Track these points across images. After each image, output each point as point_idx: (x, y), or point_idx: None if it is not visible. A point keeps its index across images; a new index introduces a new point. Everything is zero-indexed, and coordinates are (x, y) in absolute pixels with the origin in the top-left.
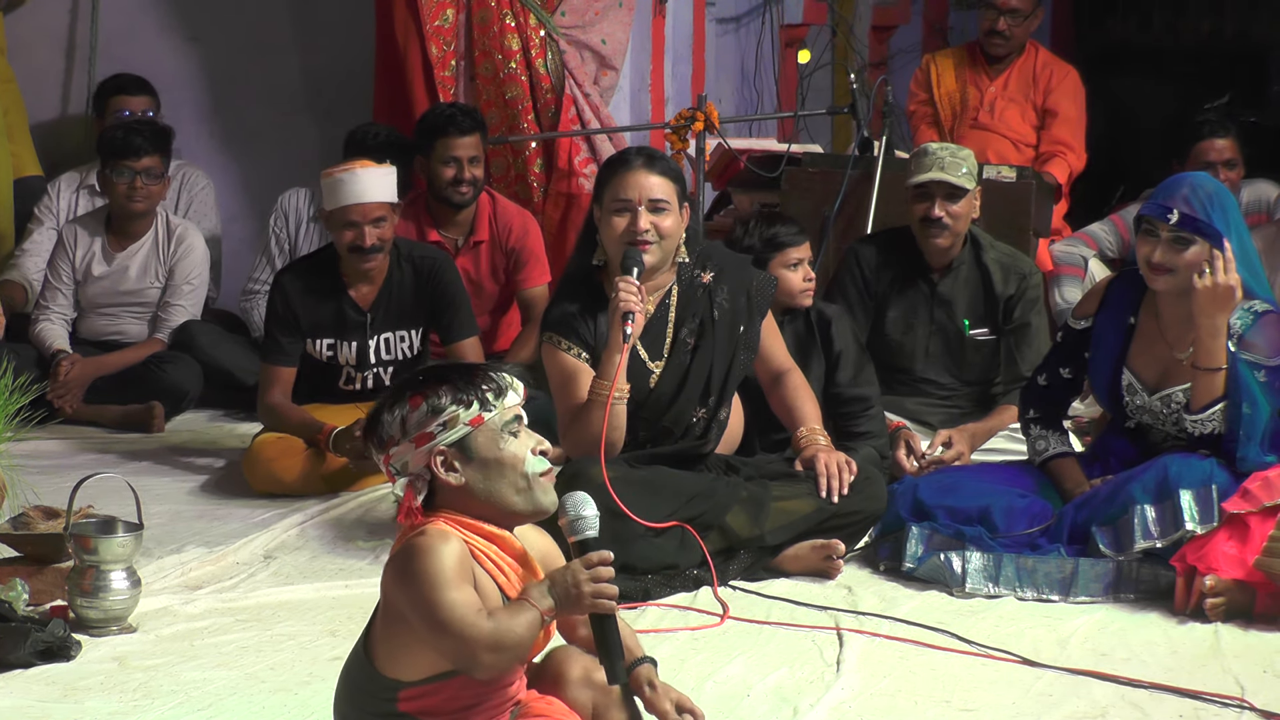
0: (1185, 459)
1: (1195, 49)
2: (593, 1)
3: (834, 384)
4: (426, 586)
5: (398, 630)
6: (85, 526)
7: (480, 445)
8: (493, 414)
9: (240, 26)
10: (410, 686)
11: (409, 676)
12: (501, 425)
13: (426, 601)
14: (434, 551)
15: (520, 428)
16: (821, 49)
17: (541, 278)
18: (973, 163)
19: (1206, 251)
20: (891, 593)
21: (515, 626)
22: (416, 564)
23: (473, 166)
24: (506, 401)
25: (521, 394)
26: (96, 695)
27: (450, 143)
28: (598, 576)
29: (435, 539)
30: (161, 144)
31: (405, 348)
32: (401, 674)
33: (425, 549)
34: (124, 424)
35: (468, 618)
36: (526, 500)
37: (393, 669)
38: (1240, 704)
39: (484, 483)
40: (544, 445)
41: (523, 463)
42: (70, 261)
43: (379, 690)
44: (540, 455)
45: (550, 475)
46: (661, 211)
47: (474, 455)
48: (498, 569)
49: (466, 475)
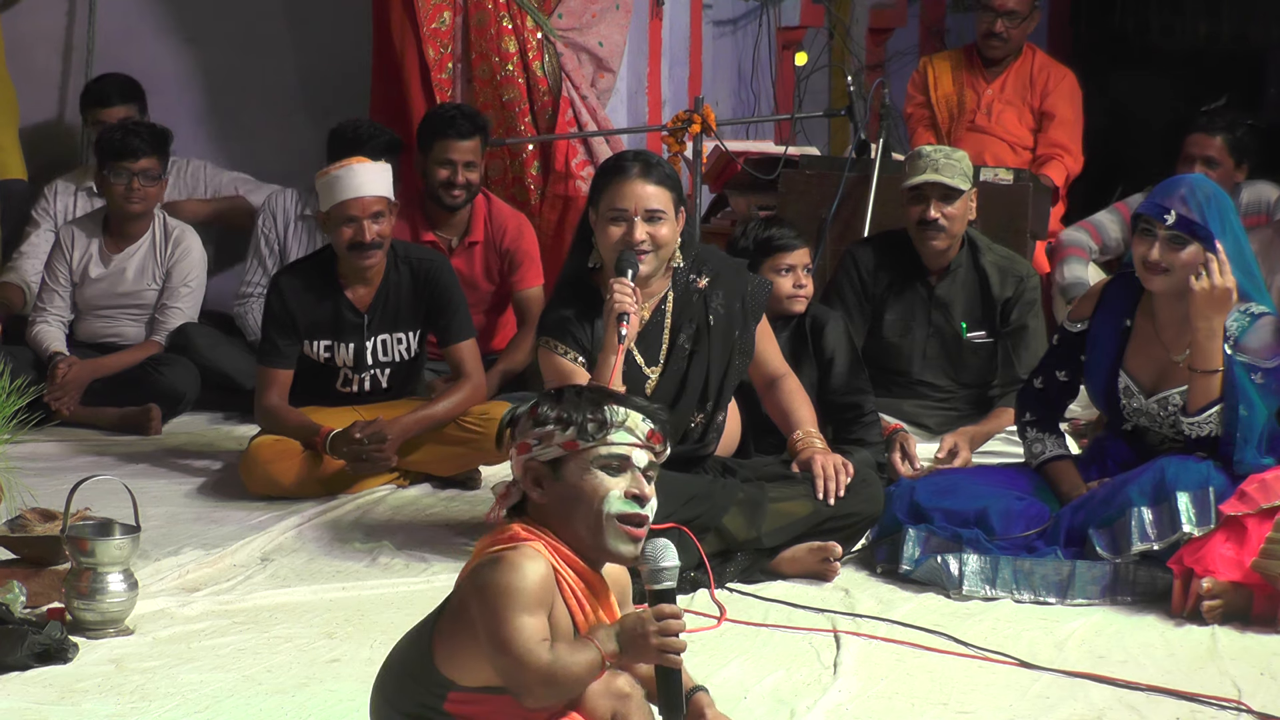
0: (1182, 461)
1: (1192, 51)
2: (590, 4)
3: (827, 390)
4: (501, 602)
5: (463, 633)
6: (82, 529)
7: (569, 471)
8: (589, 444)
9: (237, 28)
10: (462, 690)
11: (464, 681)
12: (595, 458)
13: (496, 617)
14: (519, 569)
15: (623, 469)
16: (818, 51)
17: (536, 279)
18: (967, 164)
19: (1202, 253)
20: (888, 595)
21: (574, 665)
22: (498, 576)
23: (468, 171)
24: (611, 437)
25: (641, 438)
26: (94, 698)
27: (448, 145)
28: (666, 630)
29: (525, 557)
30: (159, 145)
31: (402, 349)
32: (457, 676)
33: (512, 564)
34: (121, 426)
35: (530, 644)
36: (595, 539)
37: (450, 669)
38: (1237, 706)
39: (560, 507)
40: (640, 491)
41: (600, 500)
42: (67, 263)
43: (431, 685)
44: (631, 500)
45: (635, 525)
46: (658, 221)
47: (561, 478)
48: (579, 604)
49: (549, 495)
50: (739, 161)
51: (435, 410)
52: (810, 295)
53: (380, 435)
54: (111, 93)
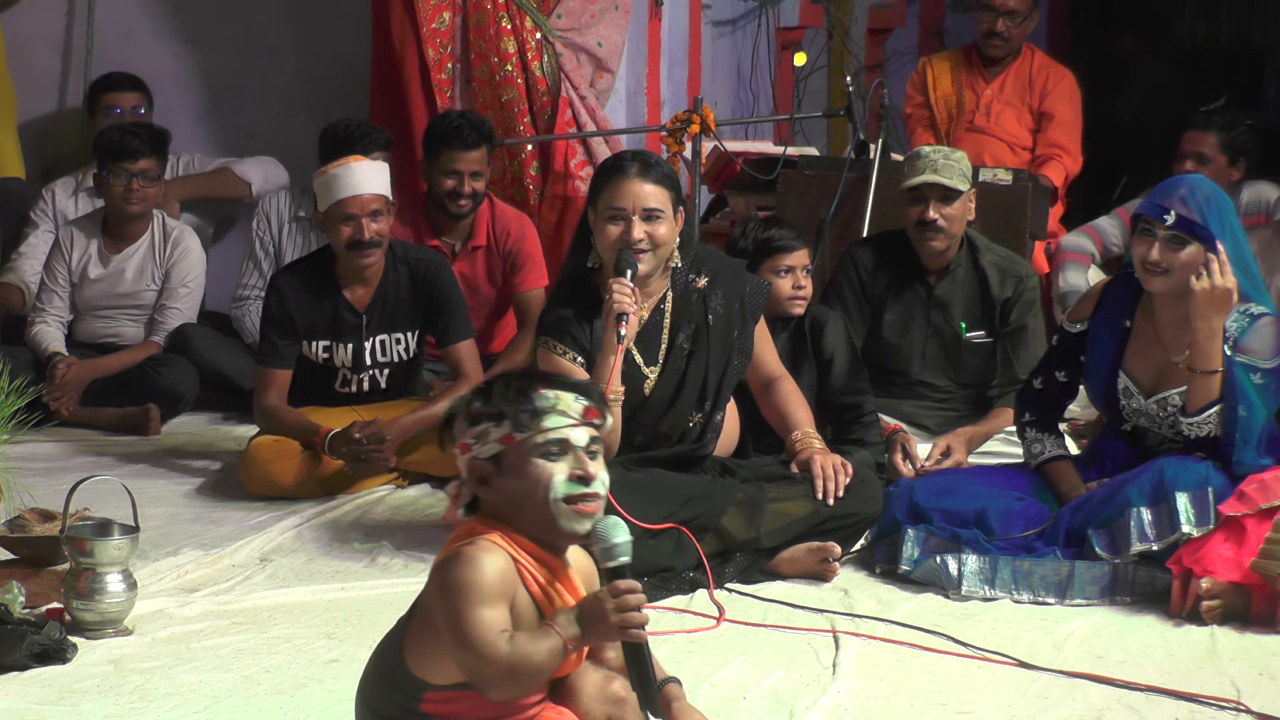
0: (1181, 462)
1: (1191, 51)
2: (589, 4)
3: (826, 390)
4: (459, 597)
5: (430, 632)
6: (81, 529)
7: (510, 464)
8: (525, 434)
9: (237, 28)
10: (436, 690)
11: (436, 680)
12: (533, 447)
13: (455, 612)
14: (475, 562)
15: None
16: (817, 52)
17: (538, 281)
18: (966, 164)
19: (1202, 253)
20: (887, 595)
21: (534, 654)
22: (455, 572)
23: (474, 180)
24: (545, 423)
25: (576, 417)
26: (92, 698)
27: (454, 155)
28: (624, 605)
29: (481, 550)
30: (158, 146)
31: (401, 350)
32: (429, 676)
33: (468, 558)
34: (120, 427)
35: (489, 637)
36: (548, 525)
37: (421, 669)
38: (1236, 706)
39: (510, 500)
40: (584, 471)
41: (546, 487)
42: (66, 264)
43: (406, 687)
44: (575, 481)
45: (587, 504)
46: (656, 220)
47: (504, 473)
48: (542, 592)
49: (496, 490)
50: (738, 162)
51: (434, 410)
52: (810, 296)
53: (379, 436)
54: (121, 79)
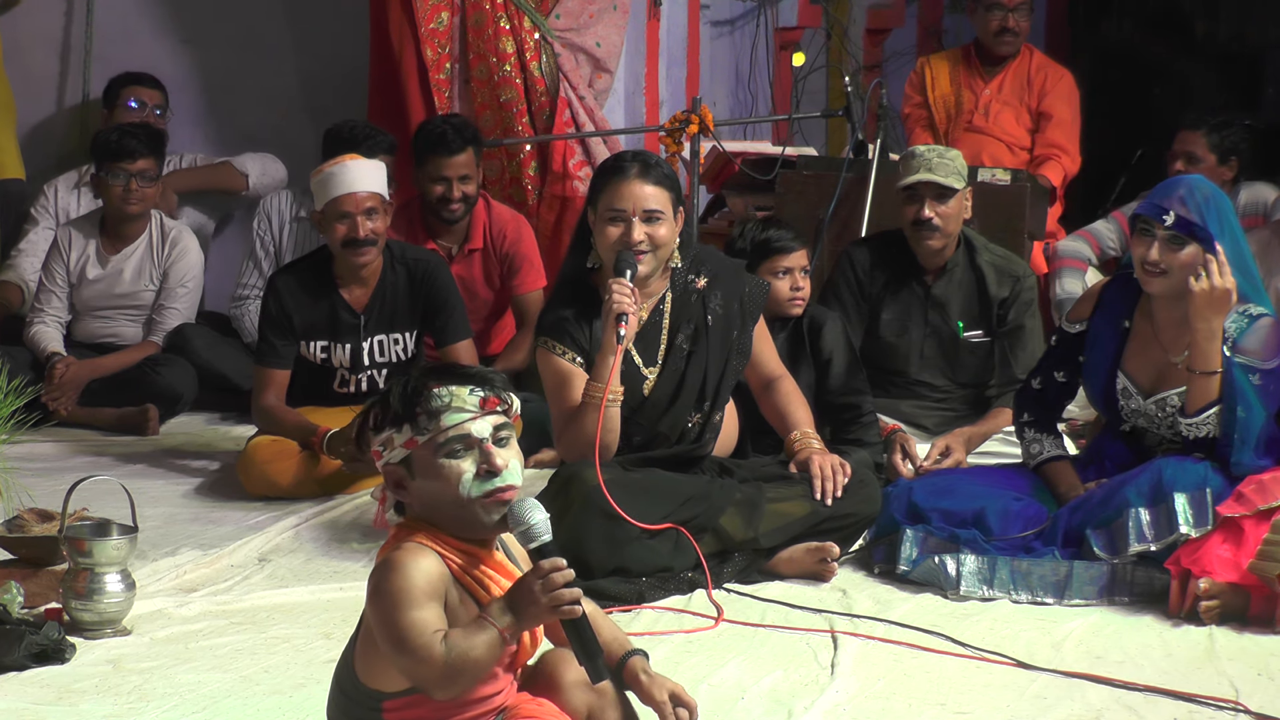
0: (1180, 462)
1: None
2: (587, 4)
3: (825, 390)
4: (389, 603)
5: (374, 643)
6: (80, 529)
7: (420, 466)
8: (427, 436)
9: (235, 28)
10: (392, 698)
11: (389, 688)
12: (436, 448)
13: (388, 619)
14: (402, 568)
15: (467, 447)
16: (816, 52)
17: (536, 282)
18: (961, 163)
19: (1201, 253)
20: (886, 595)
21: (471, 649)
22: (385, 580)
23: (463, 184)
24: (445, 421)
25: (474, 410)
26: (91, 698)
27: (440, 162)
28: (550, 584)
29: (408, 555)
30: (156, 146)
31: (399, 350)
32: (381, 686)
33: (395, 565)
34: (118, 427)
35: (422, 639)
36: (468, 521)
37: (372, 680)
38: (1235, 707)
39: (428, 501)
40: (489, 464)
41: (457, 486)
42: (65, 264)
43: (363, 700)
44: (485, 476)
45: (500, 495)
46: (656, 221)
47: (416, 474)
48: (478, 584)
49: (413, 493)
50: (737, 162)
51: None
52: (808, 297)
53: None
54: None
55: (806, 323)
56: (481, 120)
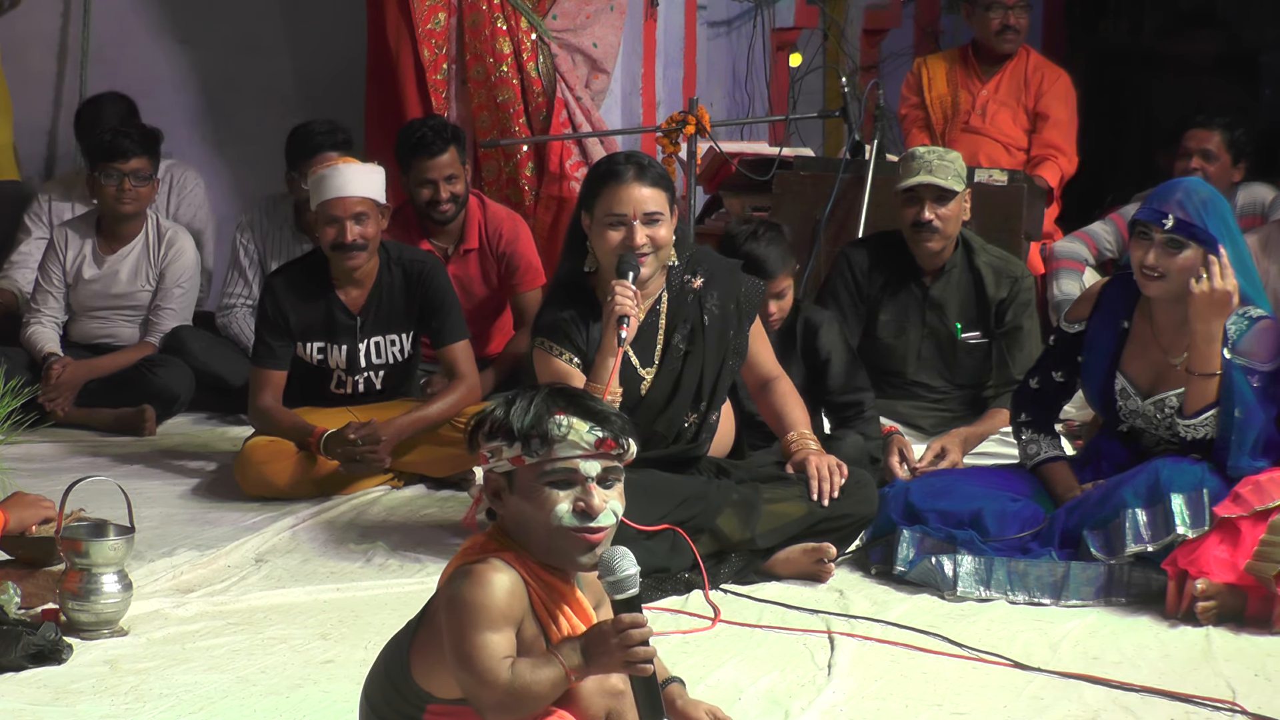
0: (1177, 463)
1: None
2: (584, 5)
3: (826, 390)
4: (465, 618)
5: (437, 646)
6: (77, 530)
7: (521, 484)
8: (535, 459)
9: (232, 29)
10: (439, 703)
11: (439, 694)
12: (541, 474)
13: (460, 633)
14: (487, 584)
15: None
16: (813, 53)
17: (535, 281)
18: (961, 165)
19: (1200, 256)
20: (883, 596)
21: (534, 683)
22: (465, 592)
23: (450, 184)
24: (556, 452)
25: (588, 447)
26: (88, 699)
27: (424, 164)
28: (629, 640)
29: (494, 571)
30: (149, 146)
31: (396, 351)
32: (433, 689)
33: (479, 578)
34: (115, 427)
35: (490, 663)
36: (552, 551)
37: (426, 682)
38: (1232, 707)
39: (518, 519)
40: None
41: (550, 515)
42: (61, 264)
43: (410, 696)
44: (579, 514)
45: (591, 535)
46: (656, 223)
47: (515, 490)
48: (549, 615)
49: (507, 506)
50: (734, 163)
51: (429, 412)
52: (785, 312)
53: (374, 437)
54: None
55: (801, 324)
56: (478, 121)
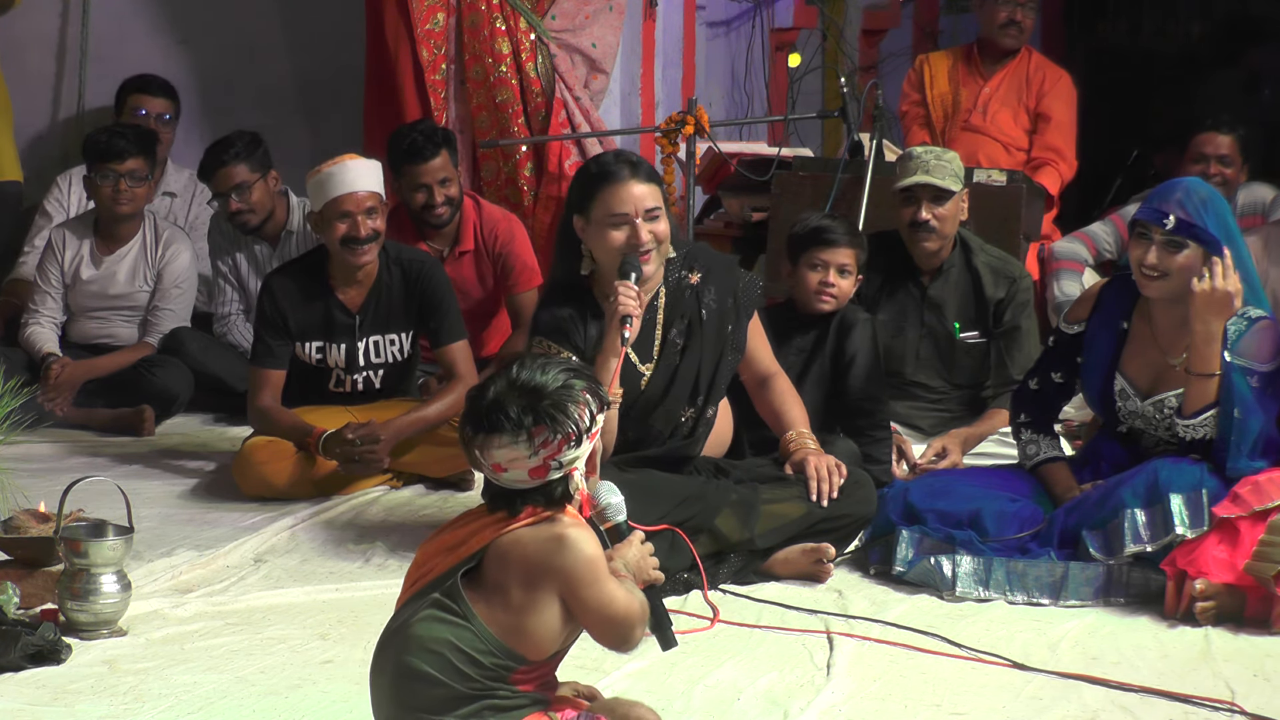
0: (1176, 464)
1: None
2: (583, 5)
3: (843, 391)
4: (595, 573)
5: (537, 613)
6: (75, 530)
7: None
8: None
9: (231, 29)
10: (529, 664)
11: (535, 656)
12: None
13: (595, 588)
14: (591, 541)
15: None
16: (812, 53)
17: (531, 282)
18: (958, 165)
19: (1199, 256)
20: (882, 596)
21: (640, 603)
22: (580, 552)
23: (444, 187)
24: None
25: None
26: (87, 699)
27: (417, 169)
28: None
29: (581, 529)
30: (145, 146)
31: (395, 350)
32: (530, 653)
33: (581, 539)
34: (114, 427)
35: (627, 599)
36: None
37: (525, 649)
38: (1231, 708)
39: None
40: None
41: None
42: (59, 265)
43: (500, 667)
44: None
45: None
46: (656, 219)
47: None
48: None
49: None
50: (732, 163)
51: (428, 412)
52: (840, 297)
53: (373, 437)
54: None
55: (836, 322)
56: (477, 121)
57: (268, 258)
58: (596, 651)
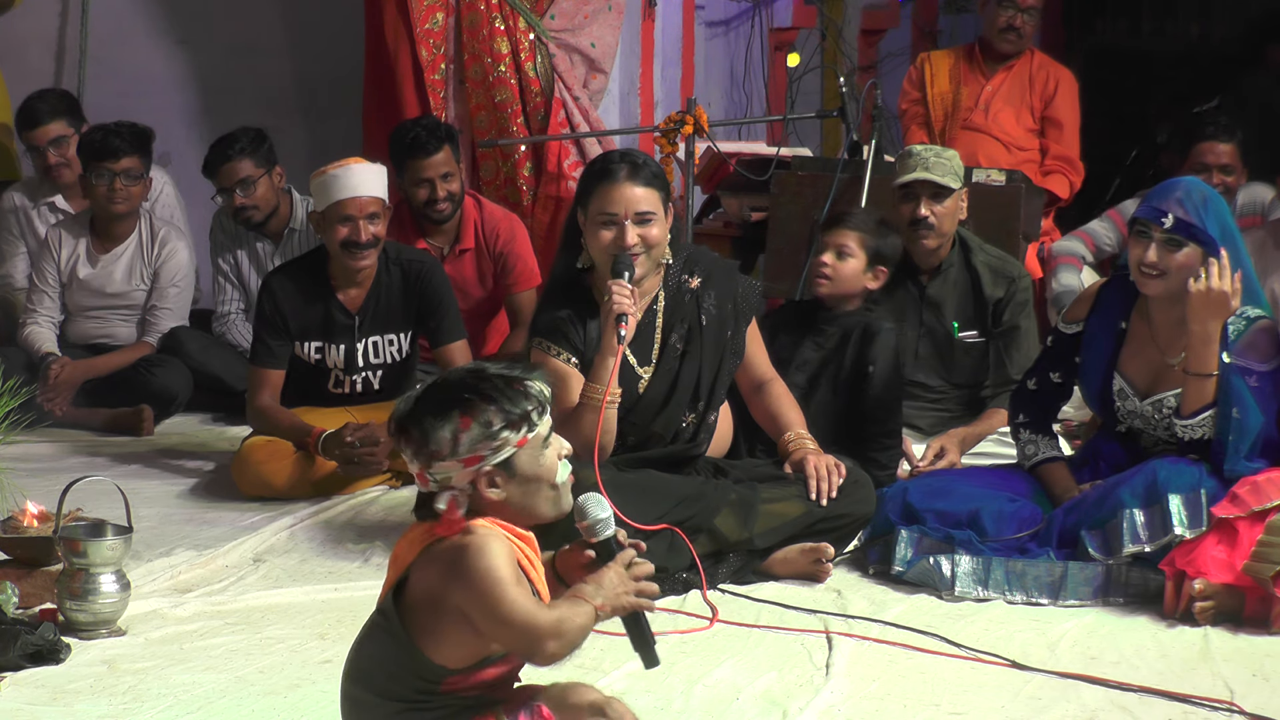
0: (1174, 464)
1: (1184, 52)
2: (582, 5)
3: (858, 399)
4: (488, 584)
5: (450, 624)
6: (74, 529)
7: (522, 463)
8: (535, 431)
9: (230, 30)
10: (455, 673)
11: (456, 665)
12: (540, 440)
13: (489, 599)
14: (490, 551)
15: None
16: (811, 53)
17: (530, 282)
18: (958, 163)
19: (1198, 255)
20: (881, 596)
21: (575, 618)
22: (474, 563)
23: (446, 183)
24: (545, 414)
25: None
26: (86, 698)
27: (419, 164)
28: (636, 575)
29: (488, 539)
30: (141, 145)
31: (394, 351)
32: (448, 662)
33: (480, 549)
34: (113, 427)
35: (530, 615)
36: (554, 507)
37: (444, 658)
38: (1230, 708)
39: (522, 497)
40: (568, 449)
41: (554, 474)
42: (56, 264)
43: (425, 674)
44: (565, 460)
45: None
46: (648, 223)
47: (515, 472)
48: (530, 566)
49: (507, 491)
50: (731, 163)
51: None
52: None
53: (372, 438)
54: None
55: (860, 330)
56: (476, 121)
57: (270, 255)
58: (596, 651)
